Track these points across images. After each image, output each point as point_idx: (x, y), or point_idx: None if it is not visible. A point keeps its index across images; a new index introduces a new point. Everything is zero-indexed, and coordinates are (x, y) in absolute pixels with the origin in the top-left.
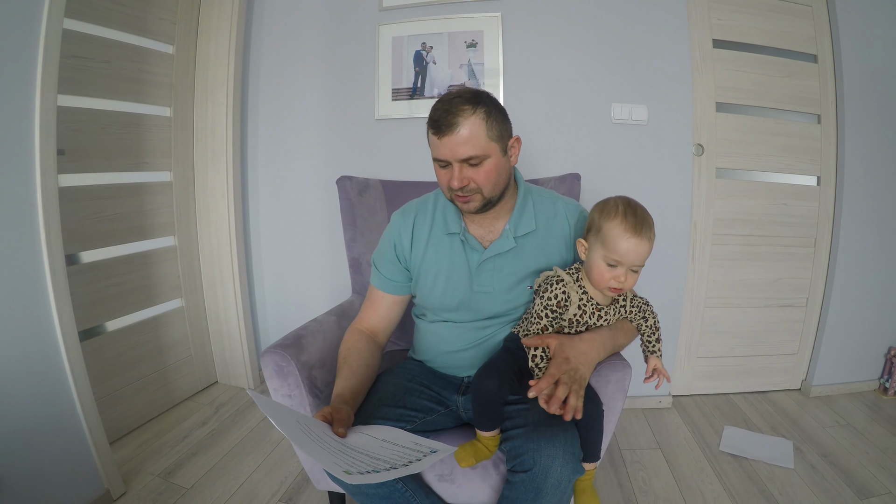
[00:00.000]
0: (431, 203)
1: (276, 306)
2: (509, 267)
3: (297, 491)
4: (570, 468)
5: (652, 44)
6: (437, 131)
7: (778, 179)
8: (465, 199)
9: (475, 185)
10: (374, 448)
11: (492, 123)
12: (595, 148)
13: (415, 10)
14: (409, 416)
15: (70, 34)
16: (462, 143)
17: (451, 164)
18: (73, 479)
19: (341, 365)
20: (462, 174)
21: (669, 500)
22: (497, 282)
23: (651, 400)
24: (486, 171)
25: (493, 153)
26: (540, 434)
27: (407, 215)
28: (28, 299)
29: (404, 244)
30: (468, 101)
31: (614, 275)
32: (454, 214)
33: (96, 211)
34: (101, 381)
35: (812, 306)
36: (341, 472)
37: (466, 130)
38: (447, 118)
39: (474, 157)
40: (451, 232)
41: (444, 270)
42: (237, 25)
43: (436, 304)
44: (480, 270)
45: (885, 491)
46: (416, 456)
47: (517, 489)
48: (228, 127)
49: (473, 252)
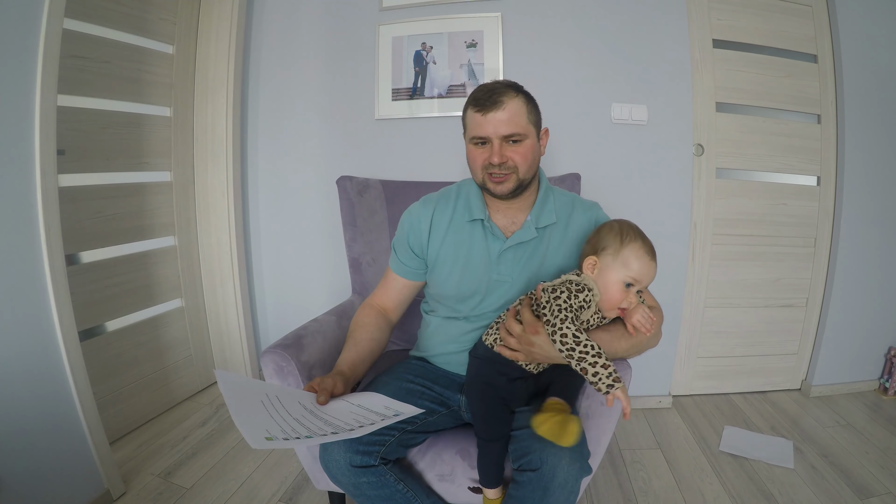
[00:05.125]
0: (454, 193)
1: (276, 306)
2: (529, 258)
3: (297, 491)
4: (577, 467)
5: (652, 44)
6: (480, 108)
7: (778, 179)
8: (501, 179)
9: (513, 164)
10: (341, 413)
11: (531, 108)
12: (595, 148)
13: (415, 10)
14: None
15: (70, 34)
16: (506, 121)
17: (490, 142)
18: (73, 479)
19: (347, 338)
20: (502, 151)
21: (669, 500)
22: (516, 272)
23: (651, 400)
24: (524, 151)
25: (531, 135)
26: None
27: (427, 205)
28: (28, 299)
29: (421, 234)
30: (510, 86)
31: (627, 294)
32: (479, 202)
33: (96, 211)
34: (101, 381)
35: (812, 306)
36: (262, 440)
37: (511, 108)
38: (492, 97)
39: (516, 134)
40: (474, 218)
41: (463, 257)
42: (237, 25)
43: (450, 293)
44: (501, 259)
45: (885, 491)
46: (377, 419)
47: (524, 488)
48: (228, 127)
49: (495, 240)
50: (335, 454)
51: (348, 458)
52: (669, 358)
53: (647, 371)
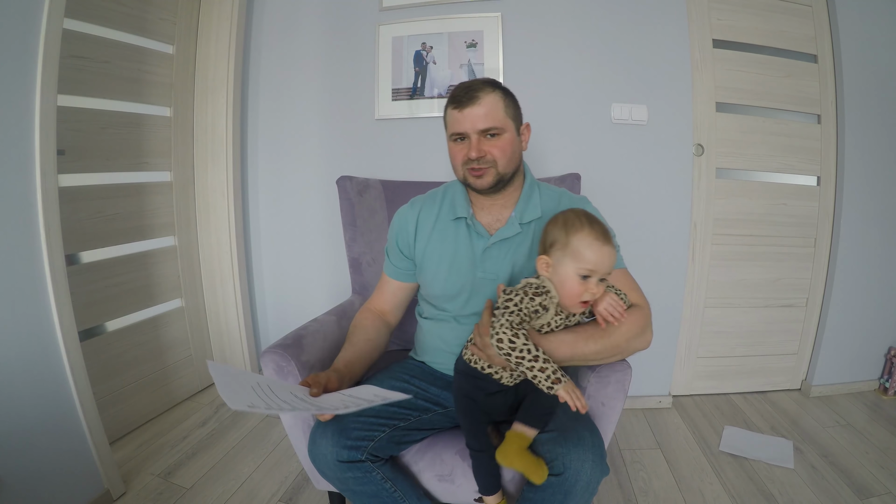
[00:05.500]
0: (440, 194)
1: (276, 306)
2: (514, 254)
3: (297, 491)
4: (599, 469)
5: (652, 44)
6: (457, 105)
7: (778, 179)
8: (480, 173)
9: (491, 158)
10: (330, 400)
11: (508, 103)
12: (595, 148)
13: (415, 10)
14: (403, 415)
15: (70, 34)
16: (483, 115)
17: (468, 138)
18: (73, 479)
19: (346, 340)
20: (480, 146)
21: (669, 501)
22: (501, 269)
23: (651, 400)
24: (502, 145)
25: (509, 129)
26: (567, 438)
27: (414, 206)
28: (28, 299)
29: (408, 235)
30: (487, 82)
31: (587, 287)
32: (463, 201)
33: (96, 211)
34: (101, 381)
35: (812, 306)
36: (244, 406)
37: (487, 103)
38: (469, 93)
39: (493, 128)
40: (458, 216)
41: (448, 256)
42: (237, 25)
43: (438, 292)
44: (485, 256)
45: (885, 491)
46: (364, 403)
47: (545, 492)
48: (228, 127)
49: (479, 238)
50: (323, 447)
51: (335, 453)
52: (669, 358)
53: (647, 371)
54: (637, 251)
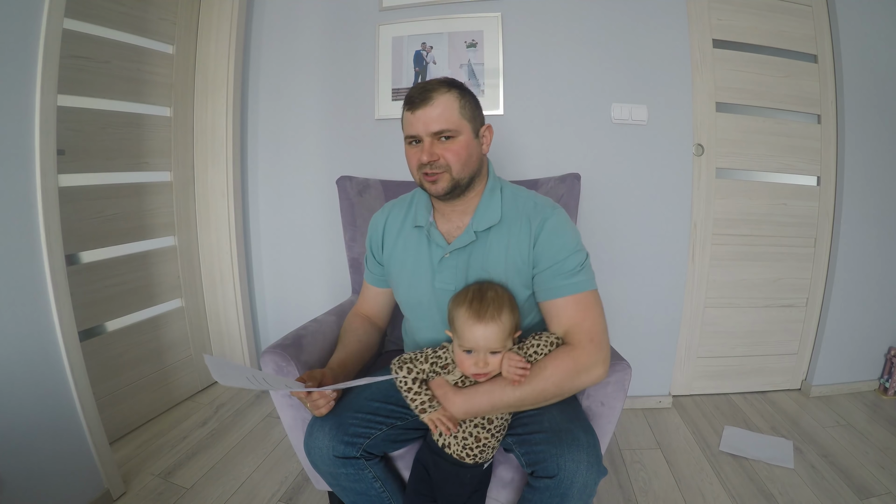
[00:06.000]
0: (409, 198)
1: (276, 306)
2: (470, 263)
3: (297, 491)
4: (595, 471)
5: (652, 44)
6: (411, 106)
7: (778, 179)
8: (434, 178)
9: (444, 162)
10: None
11: (465, 103)
12: (595, 148)
13: (415, 10)
14: (400, 413)
15: (70, 34)
16: (435, 117)
17: (422, 141)
18: (73, 479)
19: (337, 342)
20: (432, 149)
21: (669, 500)
22: (458, 279)
23: (651, 400)
24: (456, 149)
25: (465, 132)
26: (561, 439)
27: (383, 212)
28: (28, 299)
29: (377, 240)
30: (443, 83)
31: (474, 361)
32: (425, 208)
33: (96, 211)
34: (101, 381)
35: (812, 306)
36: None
37: (440, 104)
38: (423, 94)
39: (446, 130)
40: (418, 225)
41: (410, 264)
42: (237, 25)
43: (402, 299)
44: (442, 267)
45: (885, 491)
46: (354, 384)
47: (541, 494)
48: (228, 127)
49: (437, 248)
50: (320, 441)
51: (332, 448)
52: (669, 358)
53: (647, 371)
54: (637, 251)
